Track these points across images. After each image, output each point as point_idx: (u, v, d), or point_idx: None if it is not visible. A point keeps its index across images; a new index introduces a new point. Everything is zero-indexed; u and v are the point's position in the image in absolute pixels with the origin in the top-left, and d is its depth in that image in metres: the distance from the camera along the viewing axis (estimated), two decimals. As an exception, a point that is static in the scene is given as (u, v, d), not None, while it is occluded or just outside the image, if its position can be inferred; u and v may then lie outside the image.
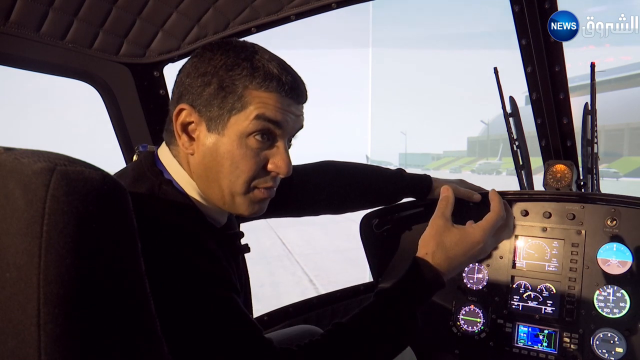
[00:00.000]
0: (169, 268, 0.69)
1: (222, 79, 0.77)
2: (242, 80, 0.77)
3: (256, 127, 0.78)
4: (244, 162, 0.79)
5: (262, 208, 0.87)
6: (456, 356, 1.47)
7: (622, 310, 1.29)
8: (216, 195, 0.82)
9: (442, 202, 0.98)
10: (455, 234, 0.93)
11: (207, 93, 0.78)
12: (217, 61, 0.78)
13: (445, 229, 0.93)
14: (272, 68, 0.78)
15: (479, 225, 0.94)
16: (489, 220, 0.95)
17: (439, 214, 0.96)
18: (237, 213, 0.86)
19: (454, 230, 0.93)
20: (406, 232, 1.63)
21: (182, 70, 0.82)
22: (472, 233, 0.93)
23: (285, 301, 1.83)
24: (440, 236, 0.92)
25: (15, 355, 0.43)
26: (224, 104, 0.77)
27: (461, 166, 69.60)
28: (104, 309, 0.46)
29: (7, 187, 0.43)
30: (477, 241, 0.93)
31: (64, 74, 1.34)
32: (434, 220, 0.96)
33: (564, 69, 1.40)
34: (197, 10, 1.30)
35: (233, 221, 0.94)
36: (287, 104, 0.80)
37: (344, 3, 1.36)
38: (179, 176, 0.83)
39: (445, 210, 0.97)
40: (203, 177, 0.81)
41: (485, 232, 0.93)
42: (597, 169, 1.57)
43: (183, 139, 0.80)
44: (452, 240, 0.92)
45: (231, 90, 0.77)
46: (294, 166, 1.28)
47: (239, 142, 0.78)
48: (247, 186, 0.81)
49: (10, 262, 0.42)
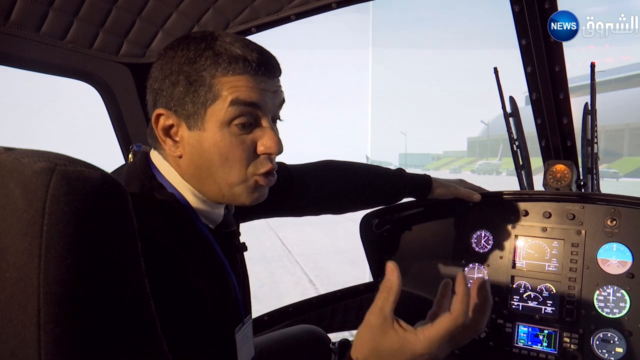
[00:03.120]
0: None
1: (187, 74, 0.75)
2: (208, 69, 0.75)
3: (234, 113, 0.76)
4: (232, 151, 0.77)
5: (263, 194, 0.85)
6: (456, 356, 1.47)
7: (622, 310, 1.29)
8: (213, 191, 0.81)
9: (382, 292, 0.72)
10: (394, 341, 0.70)
11: (177, 92, 0.76)
12: (179, 57, 0.76)
13: (382, 331, 0.71)
14: (234, 49, 0.75)
15: (426, 333, 0.69)
16: (440, 329, 0.69)
17: (375, 310, 0.72)
18: (238, 203, 0.84)
19: (392, 336, 0.70)
20: (406, 232, 1.63)
21: (150, 77, 0.81)
22: (415, 343, 0.69)
23: (285, 301, 1.83)
24: (375, 340, 0.71)
25: (15, 355, 0.43)
26: (197, 99, 0.76)
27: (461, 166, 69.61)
28: (104, 308, 0.46)
29: (7, 187, 0.43)
30: (420, 354, 0.69)
31: (64, 74, 1.34)
32: (369, 317, 0.72)
33: (564, 69, 1.40)
34: (197, 10, 1.30)
35: (230, 220, 0.92)
36: (259, 81, 0.77)
37: (344, 3, 1.36)
38: (172, 178, 0.82)
39: (385, 306, 0.71)
40: (196, 176, 0.80)
41: (432, 344, 0.69)
42: (597, 169, 1.57)
43: (168, 143, 0.79)
44: (389, 348, 0.70)
45: (200, 83, 0.75)
46: (294, 166, 1.29)
47: (221, 132, 0.76)
48: (242, 174, 0.79)
49: (10, 262, 0.42)
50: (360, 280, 1.91)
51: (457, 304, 0.70)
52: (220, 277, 0.84)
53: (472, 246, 1.52)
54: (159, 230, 0.74)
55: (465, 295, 0.70)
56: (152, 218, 0.75)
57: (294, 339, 1.40)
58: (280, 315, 1.75)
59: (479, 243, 1.52)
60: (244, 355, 0.90)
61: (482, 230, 1.51)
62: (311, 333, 1.45)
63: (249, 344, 0.94)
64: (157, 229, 0.74)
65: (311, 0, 1.34)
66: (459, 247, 1.54)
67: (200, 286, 0.76)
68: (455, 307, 0.70)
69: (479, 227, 1.52)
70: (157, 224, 0.75)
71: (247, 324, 0.93)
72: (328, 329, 1.78)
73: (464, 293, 0.70)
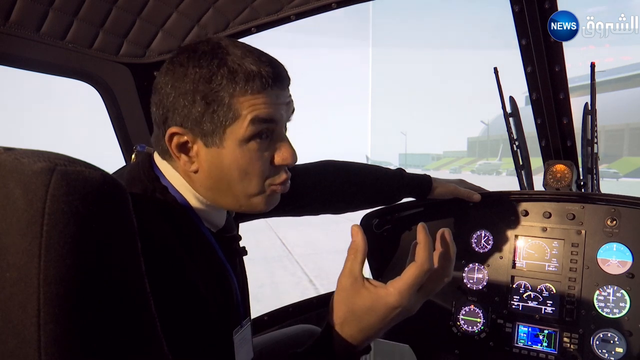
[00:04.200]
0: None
1: (204, 94, 0.74)
2: (225, 89, 0.74)
3: (254, 131, 0.76)
4: (252, 166, 0.78)
5: (277, 200, 0.87)
6: (456, 356, 1.47)
7: (622, 310, 1.29)
8: (230, 202, 0.82)
9: (349, 254, 0.75)
10: (366, 298, 0.72)
11: (194, 112, 0.75)
12: (192, 75, 0.74)
13: (354, 291, 0.73)
14: (248, 65, 0.75)
15: (395, 285, 0.72)
16: (407, 279, 0.71)
17: (345, 272, 0.75)
18: (255, 212, 0.86)
19: (364, 293, 0.73)
20: (406, 232, 1.63)
21: (157, 90, 0.79)
22: (386, 296, 0.71)
23: (285, 301, 1.83)
24: (349, 301, 0.74)
25: (15, 355, 0.43)
26: (216, 119, 0.75)
27: (461, 166, 69.62)
28: (104, 309, 0.46)
29: (7, 187, 0.42)
30: (393, 306, 0.71)
31: (64, 74, 1.34)
32: (340, 279, 0.75)
33: (564, 69, 1.40)
34: (197, 10, 1.30)
35: (231, 224, 0.93)
36: (275, 95, 0.78)
37: (344, 3, 1.36)
38: (176, 182, 0.82)
39: (354, 266, 0.74)
40: (214, 189, 0.81)
41: (402, 294, 0.71)
42: (597, 169, 1.57)
43: (183, 159, 0.79)
44: (363, 306, 0.73)
45: (218, 103, 0.75)
46: (294, 166, 1.29)
47: (240, 149, 0.77)
48: (261, 186, 0.81)
49: (10, 262, 0.42)
50: (360, 280, 1.90)
51: (421, 252, 0.72)
52: (221, 279, 0.84)
53: (472, 246, 1.52)
54: (160, 231, 0.74)
55: (426, 242, 0.72)
56: (154, 219, 0.75)
57: (294, 339, 1.40)
58: (280, 315, 1.75)
59: (479, 243, 1.52)
60: (242, 357, 0.91)
61: (482, 230, 1.51)
62: (311, 333, 1.45)
63: (247, 346, 0.94)
64: (159, 230, 0.74)
65: (311, 0, 1.34)
66: (459, 247, 1.52)
67: (201, 288, 0.76)
68: (419, 255, 0.72)
69: (479, 227, 1.52)
70: (159, 225, 0.75)
71: (246, 327, 0.93)
72: (328, 329, 1.77)
73: (425, 241, 0.72)
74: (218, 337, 0.83)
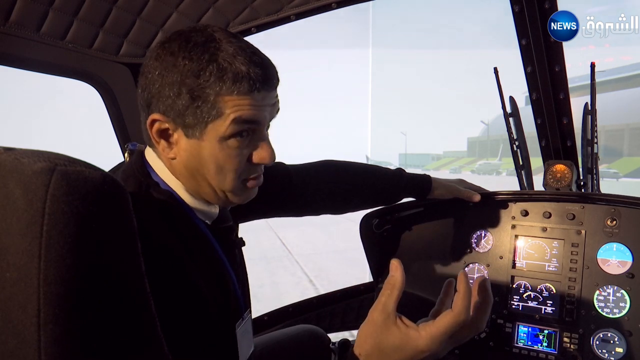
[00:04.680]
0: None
1: (191, 88, 0.74)
2: (212, 86, 0.74)
3: (235, 130, 0.77)
4: (229, 162, 0.79)
5: (254, 193, 0.88)
6: (456, 356, 1.47)
7: (622, 310, 1.29)
8: (207, 193, 0.83)
9: (385, 289, 0.73)
10: (396, 337, 0.71)
11: (179, 104, 0.75)
12: (181, 66, 0.74)
13: (385, 328, 0.72)
14: (239, 65, 0.74)
15: (428, 330, 0.70)
16: (441, 326, 0.70)
17: (379, 307, 0.73)
18: (230, 205, 0.88)
19: (395, 332, 0.71)
20: (406, 232, 1.63)
21: (144, 74, 0.79)
22: (417, 339, 0.70)
23: (285, 301, 1.83)
24: (378, 336, 0.72)
25: (15, 355, 0.43)
26: (199, 114, 0.75)
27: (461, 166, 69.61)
28: (104, 309, 0.46)
29: (7, 187, 0.42)
30: (422, 350, 0.70)
31: (64, 74, 1.34)
32: (372, 313, 0.74)
33: (564, 69, 1.40)
34: (197, 10, 1.30)
35: (226, 215, 0.93)
36: (262, 97, 0.78)
37: (344, 3, 1.36)
38: (166, 176, 0.83)
39: (388, 302, 0.72)
40: (190, 178, 0.81)
41: (434, 341, 0.70)
42: (597, 169, 1.57)
43: (162, 145, 0.80)
44: (392, 344, 0.71)
45: (203, 100, 0.74)
46: (294, 166, 1.29)
47: (219, 145, 0.78)
48: (235, 182, 0.82)
49: (10, 262, 0.42)
50: (360, 280, 1.91)
51: (459, 302, 0.71)
52: (218, 272, 0.84)
53: (472, 246, 1.52)
54: (156, 228, 0.74)
55: (467, 293, 0.71)
56: (149, 216, 0.75)
57: (293, 339, 1.40)
58: (280, 315, 1.75)
59: (479, 243, 1.52)
60: (244, 349, 0.91)
61: (482, 230, 1.51)
62: (311, 333, 1.45)
63: (248, 338, 0.95)
64: (155, 227, 0.74)
65: (311, 0, 1.34)
66: (459, 247, 1.54)
67: (200, 283, 0.76)
68: (457, 305, 0.71)
69: (479, 227, 1.52)
70: (155, 222, 0.75)
71: (247, 319, 0.94)
72: (328, 329, 1.78)
73: (465, 291, 0.71)
74: (220, 331, 0.83)
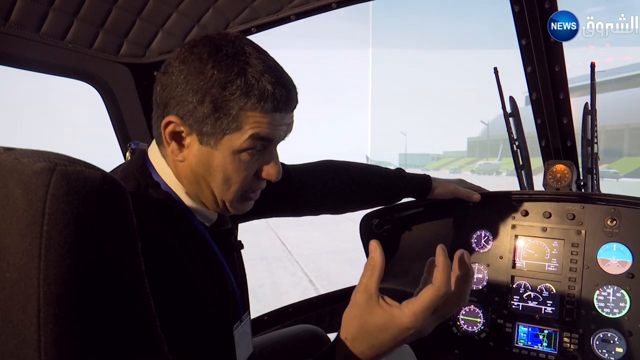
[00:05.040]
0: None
1: (215, 98, 0.74)
2: (237, 101, 0.74)
3: (250, 145, 0.78)
4: (237, 175, 0.80)
5: (250, 206, 0.89)
6: (456, 356, 1.47)
7: (622, 310, 1.29)
8: (207, 199, 0.83)
9: (366, 270, 0.74)
10: (380, 316, 0.71)
11: (200, 111, 0.75)
12: (209, 75, 0.74)
13: (368, 308, 0.72)
14: (265, 84, 0.75)
15: (410, 307, 0.70)
16: (423, 302, 0.70)
17: (360, 288, 0.74)
18: (226, 214, 0.89)
19: (378, 312, 0.71)
20: (406, 232, 1.63)
21: (168, 73, 0.78)
22: (400, 316, 0.70)
23: (285, 301, 1.83)
24: (362, 317, 0.72)
25: (15, 355, 0.43)
26: (218, 125, 0.76)
27: (461, 166, 69.62)
28: (104, 309, 0.46)
29: (7, 187, 0.43)
30: (406, 327, 0.70)
31: (64, 74, 1.34)
32: (355, 295, 0.74)
33: (564, 69, 1.40)
34: (197, 10, 1.30)
35: (225, 218, 0.94)
36: (281, 117, 0.79)
37: (344, 3, 1.36)
38: (167, 177, 0.83)
39: (369, 282, 0.73)
40: (194, 182, 0.82)
41: (417, 316, 0.70)
42: (597, 169, 1.57)
43: (172, 146, 0.79)
44: (376, 324, 0.71)
45: (225, 112, 0.75)
46: (294, 166, 1.29)
47: (232, 157, 0.78)
48: (238, 194, 0.83)
49: (10, 262, 0.42)
50: (360, 280, 1.90)
51: (438, 275, 0.71)
52: (217, 274, 0.85)
53: (472, 246, 1.52)
54: (155, 228, 0.74)
55: (445, 266, 0.71)
56: (148, 216, 0.75)
57: (293, 339, 1.40)
58: (280, 315, 1.75)
59: (479, 243, 1.52)
60: (242, 351, 0.91)
61: (482, 230, 1.51)
62: (311, 333, 1.45)
63: (247, 340, 0.95)
64: (154, 228, 0.74)
65: (311, 0, 1.34)
66: (459, 247, 1.53)
67: (199, 285, 0.76)
68: (437, 278, 0.71)
69: (479, 227, 1.52)
70: (154, 222, 0.75)
71: (245, 321, 0.94)
72: (328, 329, 1.77)
73: (444, 264, 0.71)
74: (218, 333, 0.83)
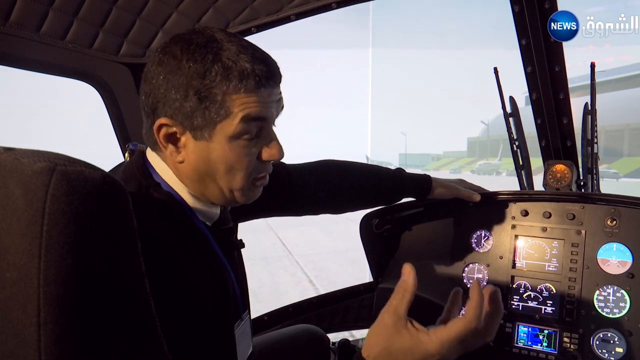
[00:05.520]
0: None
1: (197, 89, 0.74)
2: (219, 86, 0.74)
3: (243, 129, 0.77)
4: (239, 162, 0.80)
5: (259, 193, 0.89)
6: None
7: (622, 310, 1.29)
8: (215, 194, 0.83)
9: (397, 292, 0.74)
10: (406, 340, 0.71)
11: (187, 106, 0.75)
12: (186, 69, 0.74)
13: (395, 331, 0.72)
14: (243, 63, 0.75)
15: (438, 334, 0.71)
16: (452, 332, 0.70)
17: (390, 309, 0.73)
18: (236, 204, 0.88)
19: (405, 335, 0.71)
20: (406, 232, 1.63)
21: (148, 80, 0.78)
22: (427, 343, 0.70)
23: (285, 301, 1.83)
24: (388, 339, 0.72)
25: (15, 355, 0.43)
26: (207, 114, 0.76)
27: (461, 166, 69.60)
28: (104, 309, 0.46)
29: (7, 187, 0.43)
30: (431, 353, 0.70)
31: (64, 74, 1.34)
32: (383, 316, 0.74)
33: (564, 69, 1.40)
34: (197, 10, 1.30)
35: (227, 217, 0.94)
36: (267, 94, 0.78)
37: (344, 3, 1.36)
38: (168, 177, 0.83)
39: (399, 305, 0.72)
40: (198, 181, 0.81)
41: (443, 345, 0.70)
42: (597, 169, 1.57)
43: (170, 149, 0.79)
44: (402, 347, 0.71)
45: (211, 100, 0.75)
46: (293, 165, 1.29)
47: (229, 145, 0.78)
48: (245, 181, 0.82)
49: (10, 262, 0.42)
50: (360, 280, 1.91)
51: (471, 309, 0.72)
52: (218, 273, 0.85)
53: (472, 246, 1.52)
54: (157, 228, 0.74)
55: (479, 301, 0.72)
56: (150, 217, 0.75)
57: (293, 339, 1.40)
58: (280, 315, 1.75)
59: (479, 243, 1.52)
60: (242, 350, 0.91)
61: (482, 230, 1.51)
62: (311, 333, 1.45)
63: (247, 339, 0.95)
64: (156, 228, 0.74)
65: (311, 0, 1.34)
66: (459, 247, 1.54)
67: (199, 284, 0.76)
68: (469, 312, 0.72)
69: (479, 227, 1.52)
70: (155, 223, 0.75)
71: (246, 320, 0.94)
72: (328, 329, 1.78)
73: (478, 299, 0.72)
74: (219, 332, 0.83)
